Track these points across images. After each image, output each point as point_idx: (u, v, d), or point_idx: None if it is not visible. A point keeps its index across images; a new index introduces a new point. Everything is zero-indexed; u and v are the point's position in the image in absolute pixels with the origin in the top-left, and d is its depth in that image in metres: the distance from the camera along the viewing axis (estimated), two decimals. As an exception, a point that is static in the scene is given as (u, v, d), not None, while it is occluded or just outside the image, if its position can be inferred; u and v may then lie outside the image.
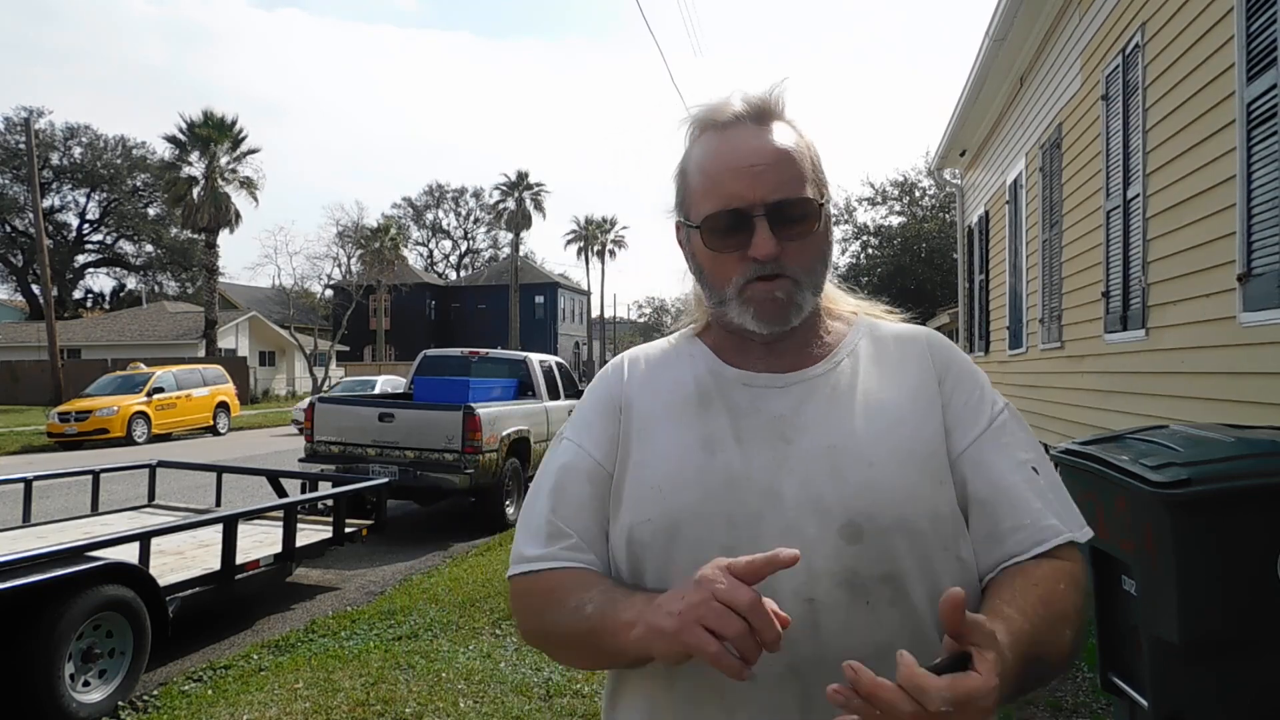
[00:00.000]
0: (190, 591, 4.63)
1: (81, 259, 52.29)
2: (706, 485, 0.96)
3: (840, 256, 34.12)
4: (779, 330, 1.00)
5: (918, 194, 28.54)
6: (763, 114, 1.01)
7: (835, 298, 1.12)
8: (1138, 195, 4.90)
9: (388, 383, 20.38)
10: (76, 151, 49.31)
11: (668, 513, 0.96)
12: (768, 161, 0.97)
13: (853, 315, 1.11)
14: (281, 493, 6.80)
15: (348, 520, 5.98)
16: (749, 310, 0.99)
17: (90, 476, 6.45)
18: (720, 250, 0.99)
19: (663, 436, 1.01)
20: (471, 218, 67.80)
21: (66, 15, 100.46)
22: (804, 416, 0.98)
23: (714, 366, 1.05)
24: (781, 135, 1.00)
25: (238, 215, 30.26)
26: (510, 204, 48.90)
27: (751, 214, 0.96)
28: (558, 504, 1.02)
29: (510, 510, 8.47)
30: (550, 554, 1.00)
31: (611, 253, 57.19)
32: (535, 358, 10.06)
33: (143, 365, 20.54)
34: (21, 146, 40.00)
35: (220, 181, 29.70)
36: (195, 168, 29.91)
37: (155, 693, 4.11)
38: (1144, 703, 2.22)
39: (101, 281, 57.26)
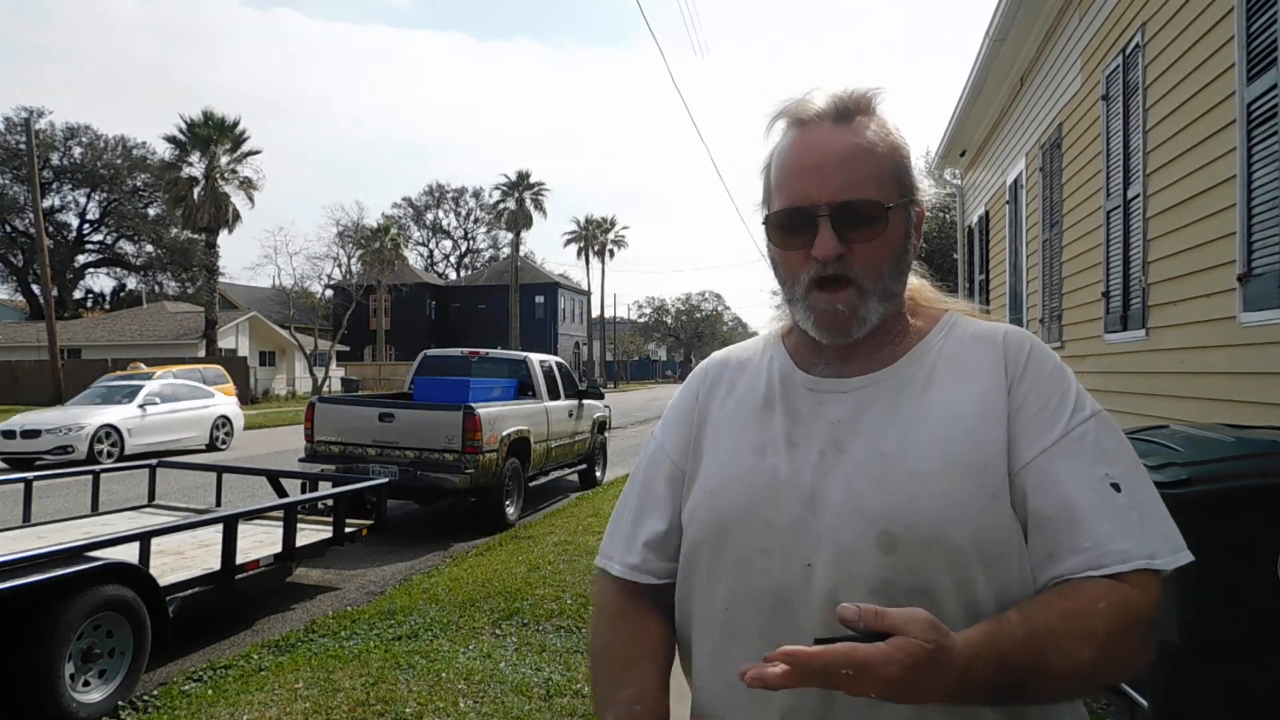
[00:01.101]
0: (190, 591, 4.63)
1: (81, 259, 52.33)
2: (751, 488, 0.98)
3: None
4: (841, 342, 1.00)
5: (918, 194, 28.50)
6: (844, 112, 0.99)
7: (926, 295, 1.09)
8: (1138, 195, 4.90)
9: (163, 384, 15.59)
10: (76, 151, 49.38)
11: (715, 514, 1.00)
12: (837, 161, 0.96)
13: (941, 312, 1.08)
14: (281, 493, 6.79)
15: (348, 520, 5.98)
16: (811, 317, 0.99)
17: (90, 476, 6.46)
18: (785, 248, 1.00)
19: (727, 440, 1.05)
20: (471, 218, 67.89)
21: (57, 14, 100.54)
22: (862, 422, 0.97)
23: (786, 369, 1.07)
24: (860, 133, 0.98)
25: (237, 215, 30.29)
26: (510, 204, 48.90)
27: (816, 214, 0.95)
28: (644, 501, 1.11)
29: (510, 510, 8.47)
30: (629, 566, 1.09)
31: (611, 253, 57.19)
32: (535, 358, 10.06)
33: (143, 365, 20.46)
34: (21, 146, 40.02)
35: (220, 182, 29.70)
36: (195, 168, 29.93)
37: (155, 693, 4.11)
38: (1144, 703, 2.22)
39: (101, 281, 57.43)
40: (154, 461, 6.98)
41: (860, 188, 0.96)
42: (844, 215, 0.95)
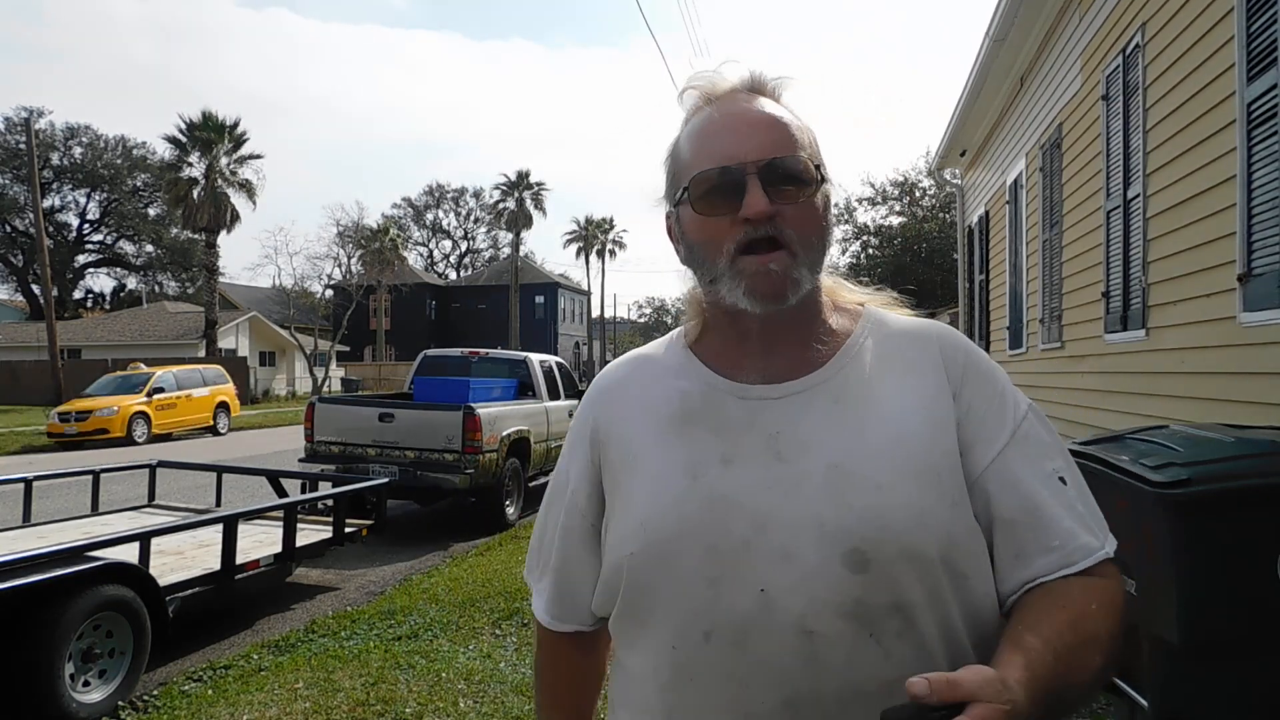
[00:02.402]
0: (190, 591, 4.63)
1: (81, 259, 52.33)
2: (687, 513, 0.90)
3: (840, 257, 34.03)
4: (773, 308, 0.91)
5: (918, 194, 28.55)
6: (759, 88, 0.97)
7: (839, 289, 1.04)
8: (1138, 195, 4.90)
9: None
10: (77, 151, 49.37)
11: (651, 546, 0.91)
12: (764, 121, 0.92)
13: (858, 308, 1.03)
14: (281, 493, 6.79)
15: (348, 520, 5.98)
16: (740, 284, 0.90)
17: (90, 476, 6.45)
18: (710, 213, 0.91)
19: (647, 465, 0.96)
20: (471, 218, 67.86)
21: (53, 14, 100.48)
22: (802, 431, 0.91)
23: (704, 378, 0.98)
24: (778, 107, 0.95)
25: (237, 216, 30.27)
26: (510, 204, 48.91)
27: (744, 172, 0.89)
28: (555, 549, 1.05)
29: (510, 510, 8.47)
30: (553, 617, 1.07)
31: (611, 253, 57.21)
32: (535, 358, 10.07)
33: (143, 365, 20.52)
34: (21, 146, 40.02)
35: (220, 182, 29.70)
36: (196, 168, 29.92)
37: (155, 693, 4.11)
38: (1144, 703, 2.22)
39: (101, 281, 57.36)
40: (154, 461, 6.97)
41: (788, 146, 0.91)
42: (773, 173, 0.89)
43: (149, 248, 52.65)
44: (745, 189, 0.89)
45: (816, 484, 0.88)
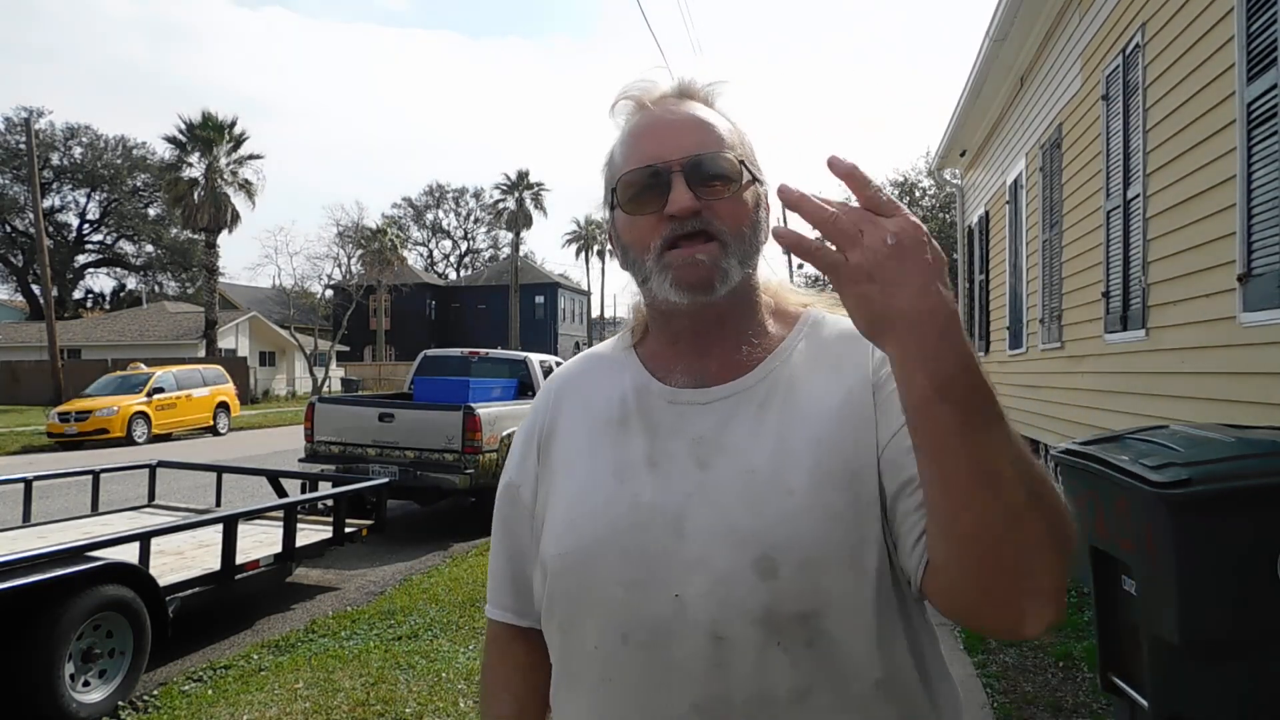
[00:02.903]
0: (190, 591, 4.63)
1: (81, 259, 52.33)
2: (611, 516, 0.91)
3: (840, 256, 33.81)
4: (702, 299, 0.90)
5: (918, 194, 28.55)
6: (690, 93, 0.99)
7: (781, 294, 1.04)
8: (1138, 195, 4.90)
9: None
10: (76, 151, 49.36)
11: (578, 547, 0.92)
12: (688, 123, 0.94)
13: (799, 311, 1.02)
14: (281, 493, 6.79)
15: (348, 520, 5.98)
16: (668, 277, 0.90)
17: (90, 476, 6.45)
18: (637, 212, 0.93)
19: (581, 465, 0.97)
20: (471, 218, 67.85)
21: (48, 13, 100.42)
22: (726, 437, 0.91)
23: (641, 381, 0.99)
24: (707, 111, 0.97)
25: (237, 216, 30.28)
26: (510, 204, 48.93)
27: (669, 170, 0.90)
28: (503, 538, 1.07)
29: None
30: (497, 605, 1.08)
31: (611, 253, 57.12)
32: (535, 358, 10.07)
33: (143, 365, 20.54)
34: (21, 146, 40.01)
35: (220, 183, 29.71)
36: (196, 169, 29.93)
37: (155, 693, 4.11)
38: (1144, 703, 2.22)
39: (101, 281, 57.38)
40: (154, 461, 6.97)
41: (714, 145, 0.92)
42: (697, 171, 0.90)
43: (149, 248, 52.66)
44: (671, 186, 0.90)
45: (732, 491, 0.88)
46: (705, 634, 0.85)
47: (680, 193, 0.89)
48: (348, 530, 5.92)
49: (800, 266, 35.18)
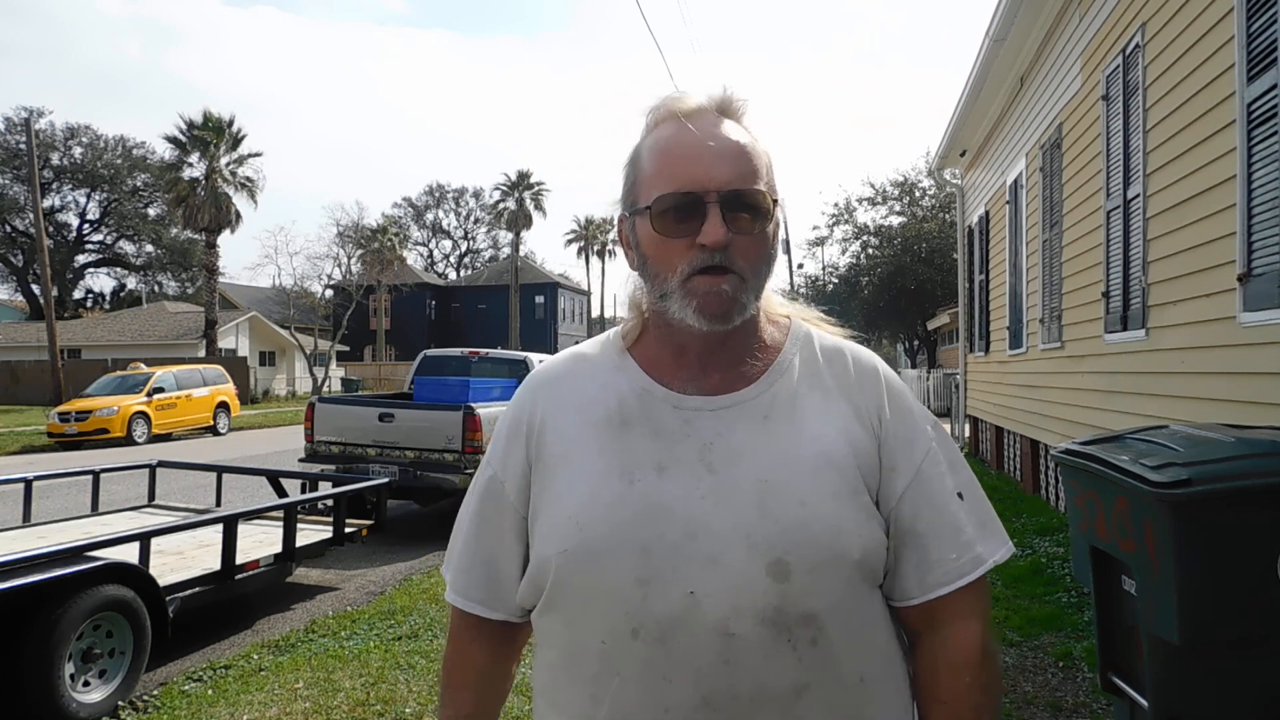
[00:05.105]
0: (190, 591, 4.63)
1: (81, 259, 52.30)
2: (622, 516, 0.94)
3: (840, 256, 34.10)
4: (720, 329, 0.96)
5: (918, 194, 28.56)
6: (725, 109, 1.00)
7: (769, 300, 1.09)
8: (1138, 195, 4.90)
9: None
10: (76, 151, 49.33)
11: (584, 544, 0.95)
12: (728, 151, 0.95)
13: (786, 320, 1.08)
14: (281, 493, 6.79)
15: (348, 520, 5.98)
16: (691, 303, 0.94)
17: (90, 476, 6.45)
18: (668, 235, 0.95)
19: (581, 463, 0.99)
20: (471, 218, 67.88)
21: (37, 12, 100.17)
22: (734, 444, 0.96)
23: (642, 384, 1.02)
24: (742, 133, 0.99)
25: (239, 216, 30.26)
26: (510, 204, 48.90)
27: (705, 199, 0.93)
28: (483, 536, 1.07)
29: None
30: (474, 600, 1.08)
31: (611, 253, 57.18)
32: (535, 358, 10.06)
33: (143, 365, 20.54)
34: (21, 146, 40.03)
35: (221, 182, 29.70)
36: (196, 168, 29.93)
37: (155, 693, 4.11)
38: (1144, 703, 2.22)
39: (101, 281, 57.37)
40: (154, 461, 6.97)
41: (749, 179, 0.95)
42: (733, 204, 0.93)
43: (149, 248, 52.61)
44: (706, 216, 0.93)
45: (746, 496, 0.93)
46: (716, 630, 0.90)
47: (714, 225, 0.92)
48: (348, 530, 5.92)
49: (800, 266, 35.06)
